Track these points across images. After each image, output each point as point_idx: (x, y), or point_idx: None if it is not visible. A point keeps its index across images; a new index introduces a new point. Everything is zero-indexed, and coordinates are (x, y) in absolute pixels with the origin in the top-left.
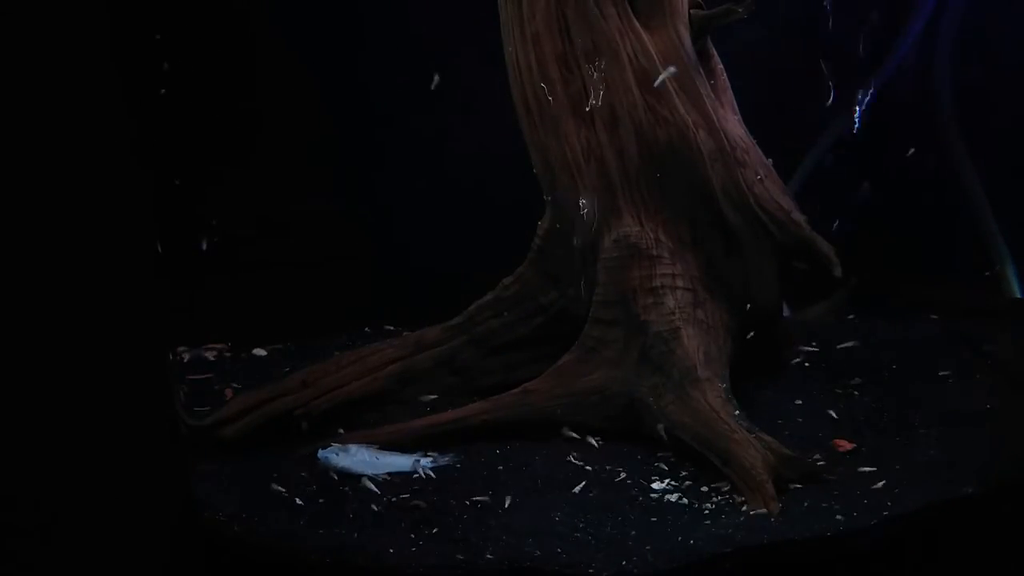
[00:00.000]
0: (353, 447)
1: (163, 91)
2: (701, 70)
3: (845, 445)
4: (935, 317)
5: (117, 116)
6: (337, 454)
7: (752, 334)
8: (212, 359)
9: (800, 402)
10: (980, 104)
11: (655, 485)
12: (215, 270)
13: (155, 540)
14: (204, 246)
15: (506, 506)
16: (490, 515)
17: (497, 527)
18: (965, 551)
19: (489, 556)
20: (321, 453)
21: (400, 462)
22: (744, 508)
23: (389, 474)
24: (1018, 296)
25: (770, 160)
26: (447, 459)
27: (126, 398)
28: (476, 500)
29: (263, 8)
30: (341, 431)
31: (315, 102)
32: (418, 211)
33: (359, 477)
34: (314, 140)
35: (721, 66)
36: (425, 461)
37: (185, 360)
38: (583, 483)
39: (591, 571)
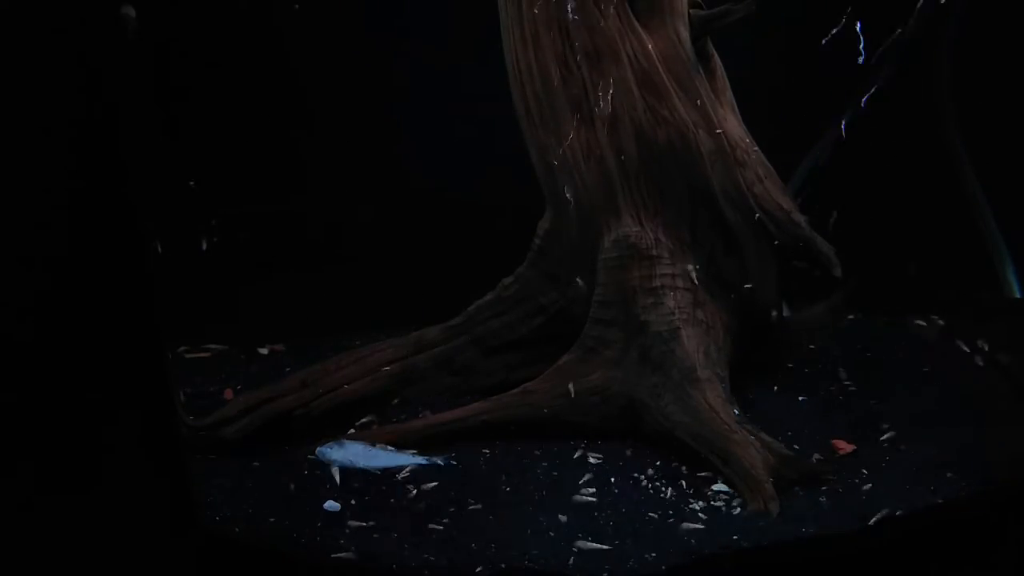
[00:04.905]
0: (349, 443)
1: (162, 90)
2: (701, 70)
3: (845, 447)
4: (935, 317)
5: (113, 115)
6: (333, 449)
7: (752, 334)
8: (212, 359)
9: (800, 402)
10: (980, 104)
11: (655, 485)
12: (215, 270)
13: (155, 541)
14: (204, 246)
15: (506, 506)
16: (490, 515)
17: (497, 527)
18: (965, 551)
19: (489, 557)
20: (318, 448)
21: (397, 459)
22: (744, 508)
23: (390, 474)
24: (1018, 296)
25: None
26: (444, 459)
27: (126, 398)
28: (476, 500)
29: (264, 9)
30: (351, 431)
31: (314, 103)
32: (418, 211)
33: (356, 473)
34: (313, 141)
35: (721, 66)
36: (421, 459)
37: (186, 360)
38: (583, 483)
39: (590, 571)
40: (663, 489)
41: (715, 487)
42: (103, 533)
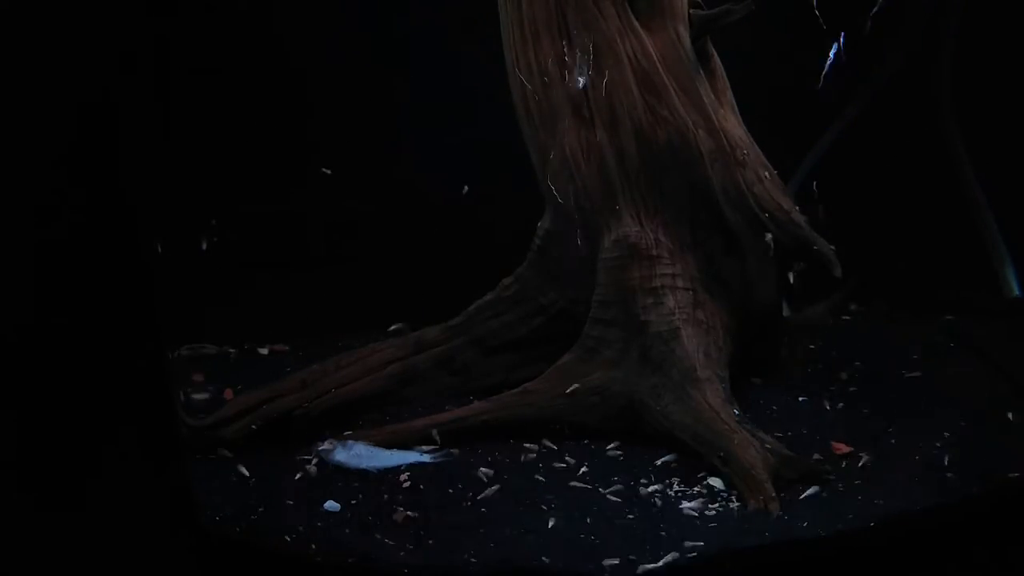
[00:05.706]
0: (348, 443)
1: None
2: (701, 70)
3: (843, 448)
4: (935, 317)
5: (113, 115)
6: (333, 448)
7: (752, 334)
8: (212, 359)
9: (800, 402)
10: (980, 104)
11: (654, 485)
12: (215, 270)
13: (154, 541)
14: (204, 246)
15: (505, 506)
16: (489, 515)
17: (496, 527)
18: (965, 552)
19: (488, 556)
20: (317, 448)
21: (396, 459)
22: (744, 508)
23: (389, 474)
24: (1018, 296)
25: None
26: (444, 456)
27: (126, 398)
28: (475, 500)
29: (264, 8)
30: (348, 433)
31: (313, 102)
32: (418, 211)
33: (355, 472)
34: (312, 141)
35: (721, 66)
36: (423, 456)
37: (186, 360)
38: (582, 483)
39: (591, 571)
40: (663, 489)
41: (715, 487)
42: (103, 533)
